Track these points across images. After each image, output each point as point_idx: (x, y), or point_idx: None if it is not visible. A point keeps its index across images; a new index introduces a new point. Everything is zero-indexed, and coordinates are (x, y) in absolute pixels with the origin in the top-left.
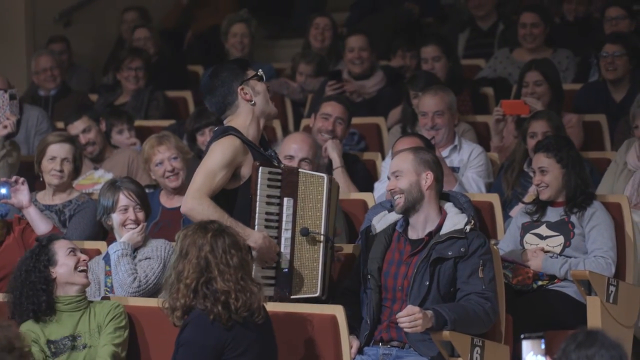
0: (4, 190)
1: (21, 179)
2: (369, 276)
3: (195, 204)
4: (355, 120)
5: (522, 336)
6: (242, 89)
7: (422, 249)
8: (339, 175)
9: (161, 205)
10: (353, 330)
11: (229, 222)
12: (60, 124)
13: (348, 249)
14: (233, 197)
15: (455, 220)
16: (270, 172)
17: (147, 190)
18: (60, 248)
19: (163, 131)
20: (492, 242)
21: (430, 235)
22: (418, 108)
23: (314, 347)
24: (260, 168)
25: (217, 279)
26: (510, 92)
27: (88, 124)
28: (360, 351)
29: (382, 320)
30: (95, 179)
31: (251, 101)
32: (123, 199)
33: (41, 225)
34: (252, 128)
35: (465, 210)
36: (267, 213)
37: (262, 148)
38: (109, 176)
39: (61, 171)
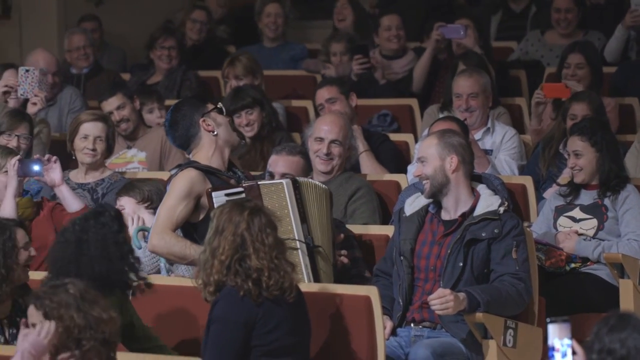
0: (37, 168)
1: (54, 157)
2: (402, 257)
3: (157, 240)
4: (388, 102)
5: (547, 320)
6: (204, 120)
7: (456, 229)
8: (365, 159)
9: None
10: (386, 311)
11: (191, 249)
12: (92, 103)
13: (380, 230)
14: (201, 228)
15: (489, 201)
16: (228, 194)
17: None
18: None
19: None
20: (525, 224)
21: (464, 216)
22: (453, 90)
23: (348, 328)
24: (213, 193)
25: (251, 256)
26: (543, 74)
27: (122, 101)
28: (393, 332)
29: (414, 301)
30: (128, 158)
31: (213, 132)
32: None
33: (73, 204)
34: (216, 158)
35: (498, 192)
36: None
37: (230, 172)
38: (142, 155)
39: (94, 150)
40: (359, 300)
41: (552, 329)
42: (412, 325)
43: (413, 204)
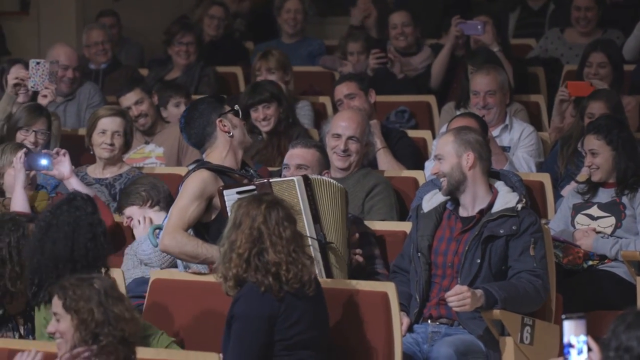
0: (45, 162)
1: (62, 151)
2: (419, 254)
3: (169, 240)
4: (406, 98)
5: (563, 316)
6: (221, 121)
7: (474, 226)
8: (382, 156)
9: None
10: (403, 307)
11: (203, 248)
12: (110, 98)
13: (398, 226)
14: (212, 228)
15: (507, 198)
16: (239, 192)
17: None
18: None
19: None
20: (543, 221)
21: (482, 213)
22: (470, 87)
23: (365, 323)
24: (224, 191)
25: (268, 250)
26: (561, 72)
27: (140, 96)
28: (409, 329)
29: (432, 297)
30: (146, 153)
31: (229, 133)
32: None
33: None
34: (229, 158)
35: (516, 189)
36: None
37: (243, 171)
38: (159, 150)
39: (112, 145)
40: (377, 296)
41: (568, 326)
42: (429, 321)
43: (431, 201)
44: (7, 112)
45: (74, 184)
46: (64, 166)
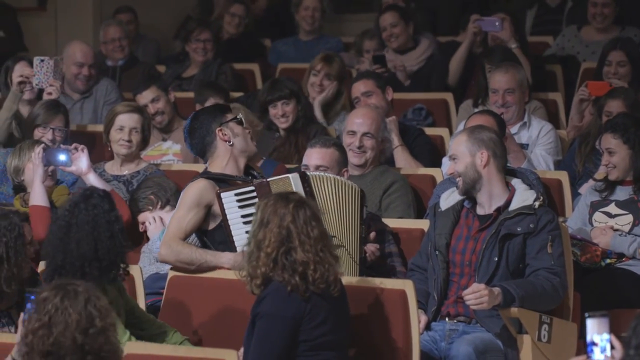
0: (63, 157)
1: (80, 146)
2: (437, 252)
3: (165, 249)
4: (423, 96)
5: (586, 315)
6: (221, 130)
7: (491, 224)
8: (399, 153)
9: None
10: (420, 305)
11: (197, 253)
12: (127, 95)
13: (415, 224)
14: (217, 234)
15: (524, 196)
16: (237, 194)
17: None
18: None
19: (233, 103)
20: (561, 219)
21: (499, 210)
22: (489, 84)
23: (383, 321)
24: (222, 194)
25: (297, 249)
26: (579, 70)
27: (157, 93)
28: (427, 326)
29: (449, 295)
30: (163, 150)
31: (229, 142)
32: None
33: None
34: (230, 167)
35: (534, 187)
36: (247, 232)
37: (246, 176)
38: (177, 147)
39: (129, 141)
40: (395, 294)
41: (591, 324)
42: (446, 319)
43: (448, 199)
44: (12, 110)
45: (92, 180)
46: (82, 162)
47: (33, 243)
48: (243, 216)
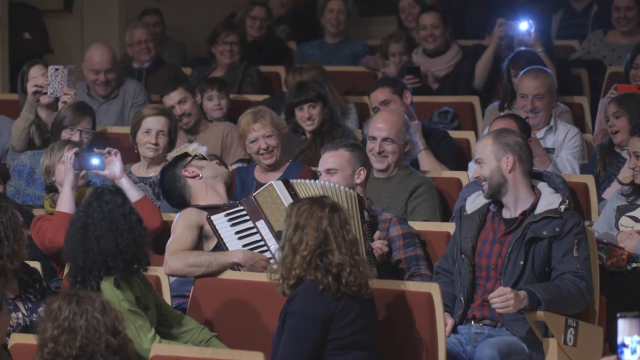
0: (96, 161)
1: (114, 150)
2: (463, 255)
3: (171, 260)
4: (449, 99)
5: (618, 315)
6: (185, 170)
7: (517, 227)
8: (424, 157)
9: (255, 180)
10: (446, 308)
11: (205, 255)
12: (153, 97)
13: (441, 227)
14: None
15: (550, 200)
16: (227, 214)
17: (241, 165)
18: None
19: (259, 106)
20: (587, 223)
21: (524, 214)
22: (517, 89)
23: (409, 324)
24: (212, 217)
25: (334, 252)
26: (604, 74)
27: (184, 95)
28: (454, 329)
29: (475, 299)
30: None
31: (198, 176)
32: None
33: (133, 196)
34: (211, 195)
35: (559, 190)
36: (248, 244)
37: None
38: (203, 149)
39: (156, 144)
40: (421, 297)
41: (622, 325)
42: (472, 323)
43: (474, 202)
44: (29, 120)
45: (125, 184)
46: (115, 166)
47: (24, 227)
48: (237, 232)
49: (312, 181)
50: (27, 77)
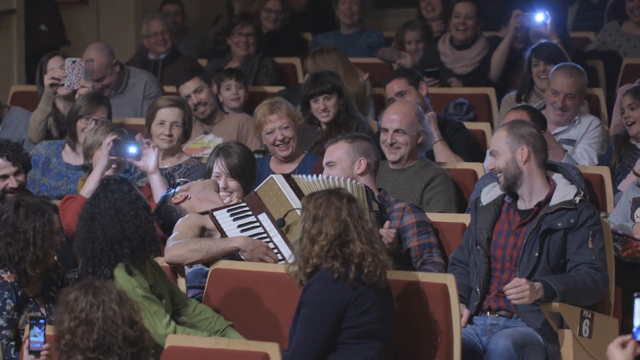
0: (134, 150)
1: (153, 143)
2: (478, 247)
3: (172, 248)
4: (465, 90)
5: (635, 294)
6: (175, 198)
7: (532, 219)
8: (439, 148)
9: (271, 172)
10: (462, 299)
11: (206, 240)
12: (168, 89)
13: (456, 218)
14: None
15: (565, 191)
16: (229, 210)
17: (256, 156)
18: None
19: (275, 97)
20: (602, 215)
21: (540, 205)
22: (549, 84)
23: (425, 315)
24: (215, 213)
25: (355, 241)
26: (620, 65)
27: (200, 84)
28: (469, 320)
29: (491, 290)
30: (205, 144)
31: (187, 197)
32: (216, 167)
33: (160, 194)
34: (207, 205)
35: (574, 182)
36: (251, 237)
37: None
38: (218, 141)
39: (170, 135)
40: (437, 288)
41: (639, 305)
42: (488, 314)
43: (489, 194)
44: (46, 112)
45: (156, 181)
46: (150, 159)
47: (60, 234)
48: (239, 226)
49: (314, 177)
50: (46, 69)
